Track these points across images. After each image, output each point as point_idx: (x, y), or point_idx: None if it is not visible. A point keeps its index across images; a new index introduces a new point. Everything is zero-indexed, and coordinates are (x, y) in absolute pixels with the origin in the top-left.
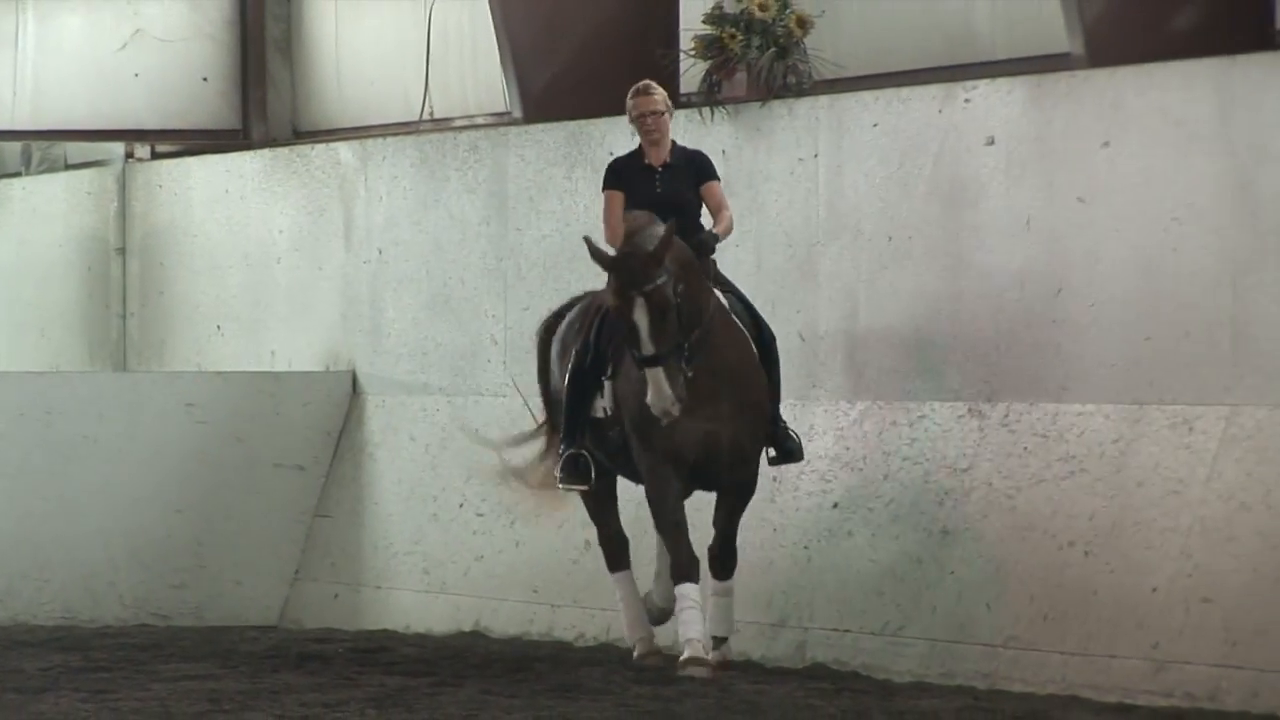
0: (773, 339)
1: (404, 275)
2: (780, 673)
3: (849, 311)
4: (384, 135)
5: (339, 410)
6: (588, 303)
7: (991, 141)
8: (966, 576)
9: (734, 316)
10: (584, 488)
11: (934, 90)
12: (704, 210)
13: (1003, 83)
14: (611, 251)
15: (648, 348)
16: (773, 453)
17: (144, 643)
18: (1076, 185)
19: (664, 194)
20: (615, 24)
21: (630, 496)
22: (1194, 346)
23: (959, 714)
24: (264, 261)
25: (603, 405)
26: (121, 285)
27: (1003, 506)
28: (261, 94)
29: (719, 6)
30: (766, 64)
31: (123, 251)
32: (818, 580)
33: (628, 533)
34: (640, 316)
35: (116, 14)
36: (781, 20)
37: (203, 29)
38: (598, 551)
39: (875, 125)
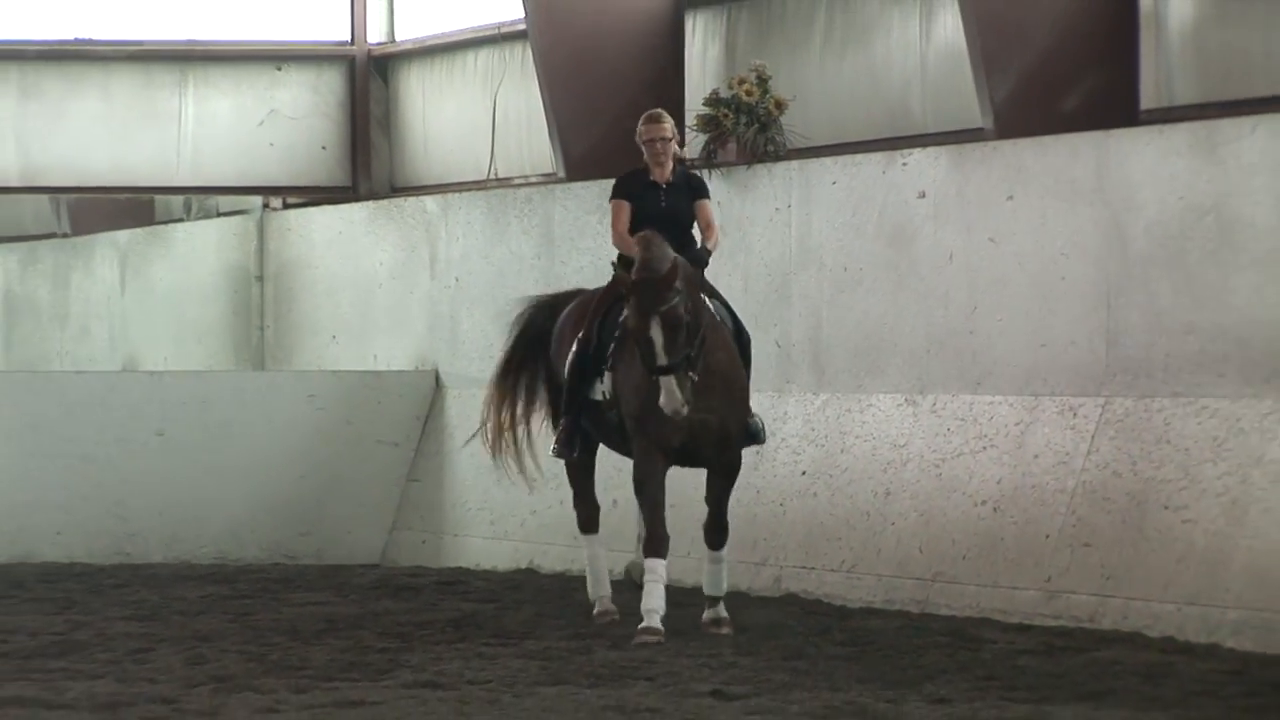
0: (748, 340)
1: (475, 297)
2: (761, 600)
3: (814, 325)
4: (460, 191)
5: (425, 400)
6: (584, 299)
7: (923, 195)
8: (904, 526)
9: (717, 317)
10: (570, 458)
11: (878, 156)
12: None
13: (931, 150)
14: (617, 243)
15: (662, 359)
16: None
17: (277, 577)
18: (988, 229)
19: (667, 208)
20: (636, 105)
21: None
22: (1078, 351)
23: (899, 632)
24: (368, 287)
25: (602, 390)
26: (260, 305)
27: (931, 474)
28: (367, 159)
29: (715, 92)
30: (751, 136)
31: (260, 279)
32: (790, 529)
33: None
34: (656, 333)
35: (256, 97)
36: (763, 103)
37: (322, 109)
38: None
39: (834, 183)
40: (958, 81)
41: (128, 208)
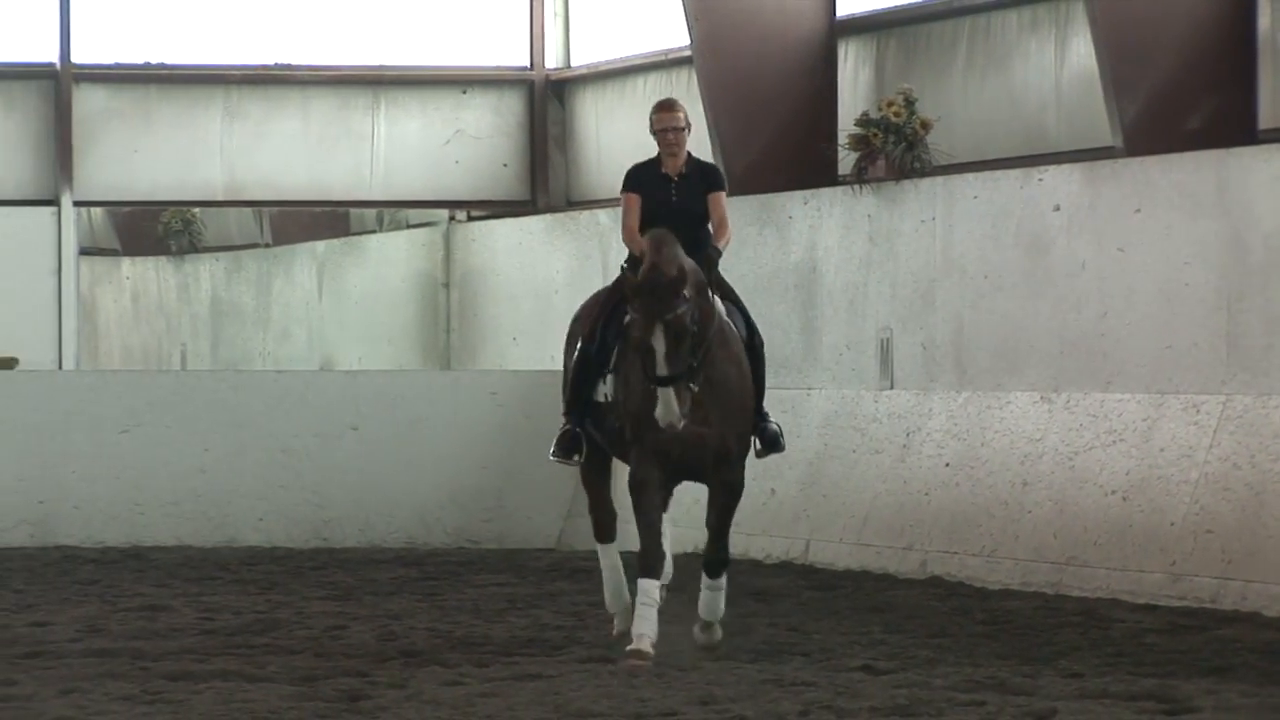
0: (762, 344)
1: None
2: (907, 582)
3: (957, 328)
4: None
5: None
6: (595, 296)
7: (1057, 208)
8: (1039, 515)
9: (730, 325)
10: (571, 462)
11: (1016, 172)
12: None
13: (1065, 167)
14: (627, 241)
15: (662, 369)
16: (759, 445)
17: (461, 560)
18: (1117, 239)
19: (678, 203)
20: (792, 125)
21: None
22: (1200, 353)
23: (1035, 612)
24: (545, 293)
25: (604, 391)
26: (446, 309)
27: (1065, 466)
28: (544, 175)
29: (866, 113)
30: (899, 154)
31: (447, 286)
32: (934, 517)
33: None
34: (658, 341)
35: (443, 119)
36: (910, 123)
37: (503, 129)
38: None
39: (975, 197)
40: (1089, 103)
41: (324, 220)
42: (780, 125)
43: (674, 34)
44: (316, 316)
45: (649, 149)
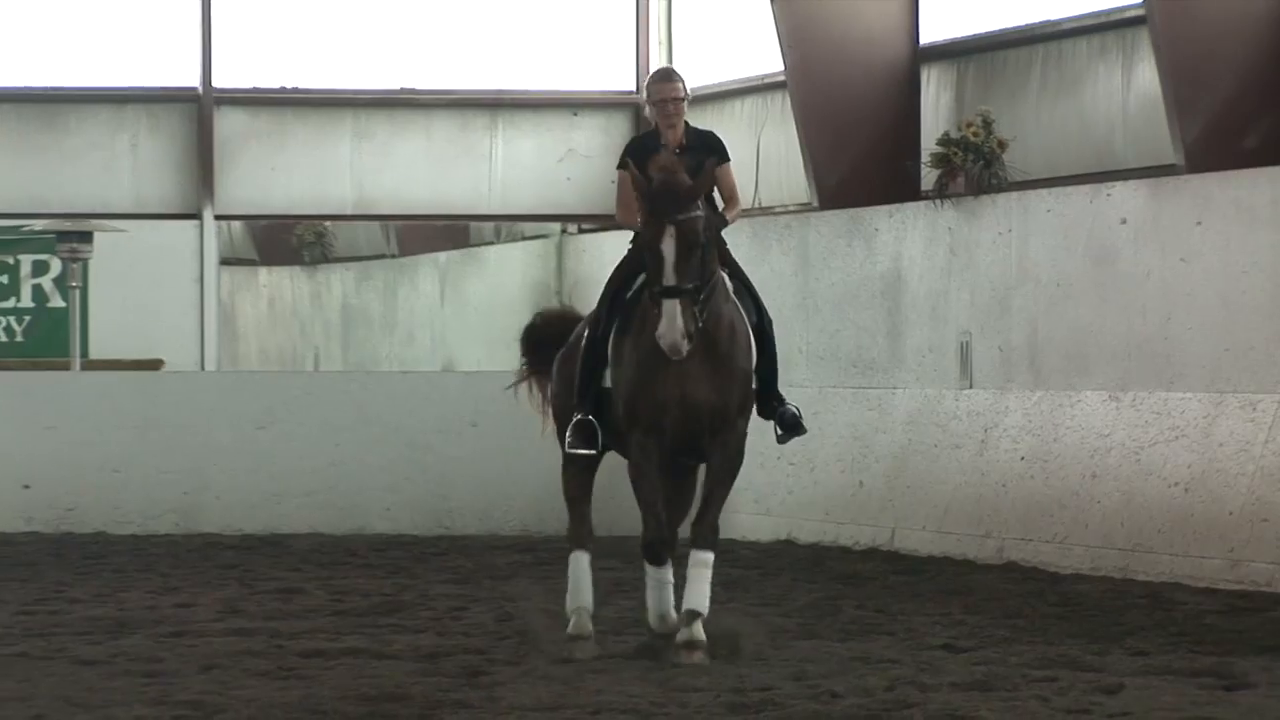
0: (770, 325)
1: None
2: (985, 567)
3: (1031, 332)
4: None
5: None
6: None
7: (1124, 221)
8: (1108, 505)
9: (729, 291)
10: (591, 453)
11: (1086, 188)
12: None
13: (1132, 183)
14: (622, 219)
15: (669, 277)
16: (779, 430)
17: (559, 548)
18: (1180, 250)
19: (687, 165)
20: (878, 144)
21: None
22: (1256, 355)
23: (1103, 595)
24: None
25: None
26: None
27: (1131, 460)
28: None
29: (947, 133)
30: (978, 171)
31: (559, 293)
32: (1010, 506)
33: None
34: (668, 246)
35: (555, 139)
36: (987, 143)
37: (611, 148)
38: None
39: (1048, 211)
40: (1154, 124)
41: (446, 232)
42: (867, 144)
43: (769, 60)
44: (439, 321)
45: (745, 167)
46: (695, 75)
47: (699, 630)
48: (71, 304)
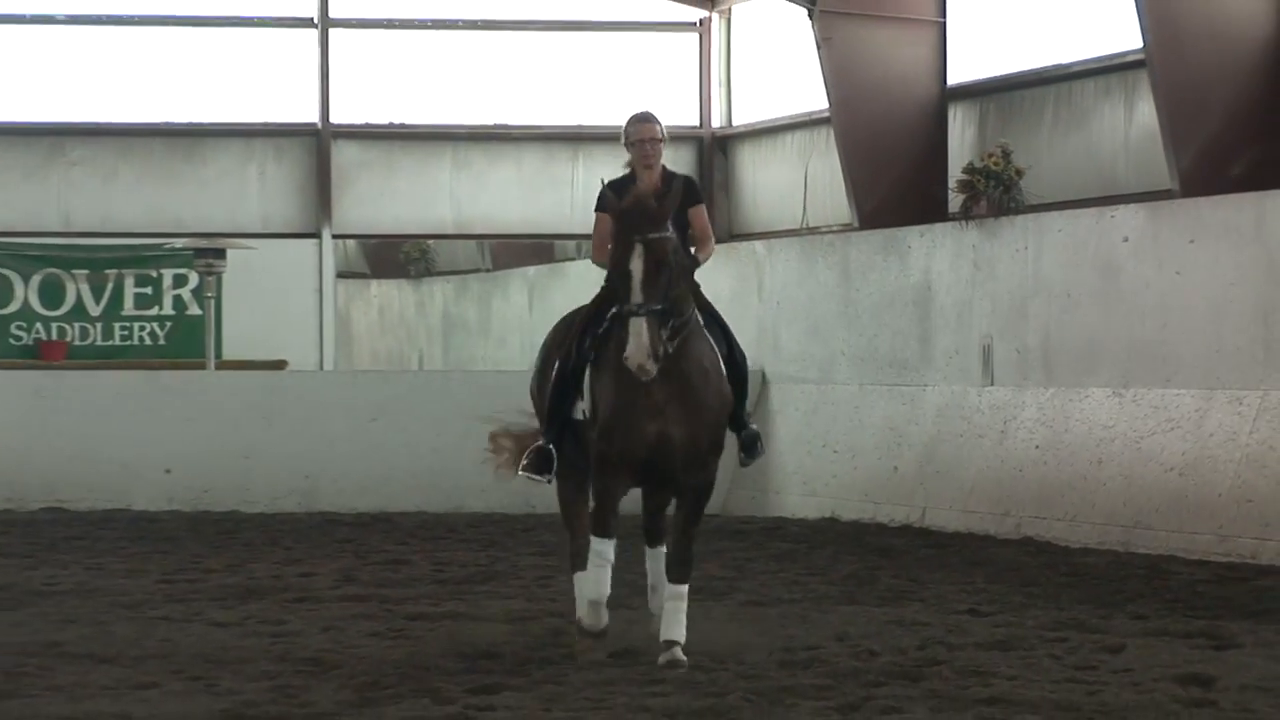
0: (743, 357)
1: (791, 316)
2: (1004, 542)
3: (1045, 336)
4: (780, 236)
5: (754, 392)
6: (571, 315)
7: (1126, 239)
8: (1112, 487)
9: (701, 327)
10: (543, 480)
11: (1093, 210)
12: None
13: (1132, 206)
14: (597, 260)
15: (637, 296)
16: (741, 453)
17: (633, 526)
18: (1175, 264)
19: (658, 195)
20: (910, 172)
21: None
22: (1242, 356)
23: (1108, 566)
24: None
25: (582, 407)
26: None
27: (1132, 448)
28: (712, 213)
29: (971, 163)
30: (998, 196)
31: None
32: (1026, 489)
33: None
34: (636, 264)
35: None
36: (1006, 171)
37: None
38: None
39: (1060, 230)
40: (1152, 154)
41: (534, 249)
42: (901, 172)
43: (816, 99)
44: (528, 328)
45: (795, 192)
46: (751, 112)
47: (679, 652)
48: (207, 312)
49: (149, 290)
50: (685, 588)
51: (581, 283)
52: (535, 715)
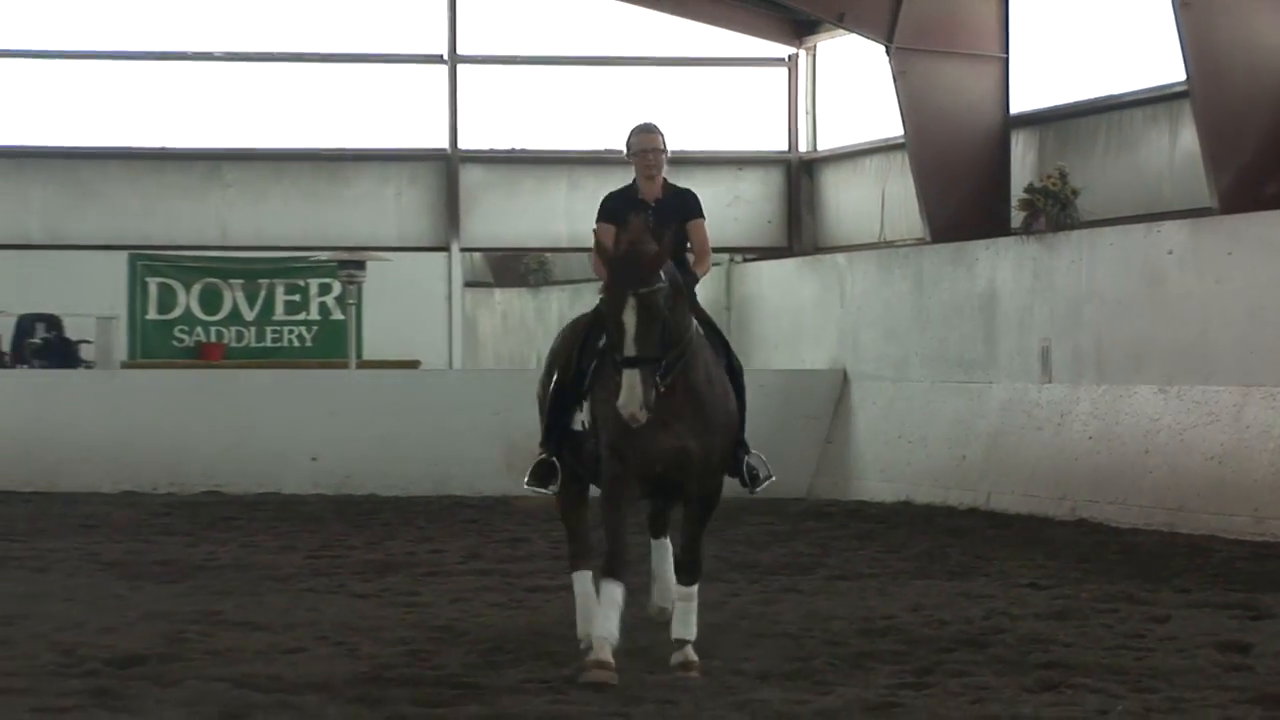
0: (741, 370)
1: (869, 321)
2: (1061, 523)
3: (1098, 338)
4: (860, 249)
5: (836, 389)
6: (566, 329)
7: (1170, 252)
8: (1158, 474)
9: (706, 343)
10: (547, 492)
11: (1141, 226)
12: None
13: (1177, 221)
14: (597, 271)
15: (630, 349)
16: (746, 485)
17: (737, 506)
18: (1215, 273)
19: (655, 230)
20: (977, 192)
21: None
22: (1274, 356)
23: (1155, 545)
24: (798, 313)
25: (581, 419)
26: (727, 326)
27: (1177, 439)
28: (798, 229)
29: (1031, 184)
30: (1055, 213)
31: (729, 308)
32: (1081, 475)
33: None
34: (629, 317)
35: (725, 188)
36: (1063, 190)
37: (768, 196)
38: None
39: (1111, 244)
40: (1194, 175)
41: None
42: (968, 192)
43: (892, 125)
44: None
45: (873, 209)
46: (834, 138)
47: (691, 652)
48: (349, 317)
49: (297, 298)
50: (695, 588)
51: None
52: (640, 676)
